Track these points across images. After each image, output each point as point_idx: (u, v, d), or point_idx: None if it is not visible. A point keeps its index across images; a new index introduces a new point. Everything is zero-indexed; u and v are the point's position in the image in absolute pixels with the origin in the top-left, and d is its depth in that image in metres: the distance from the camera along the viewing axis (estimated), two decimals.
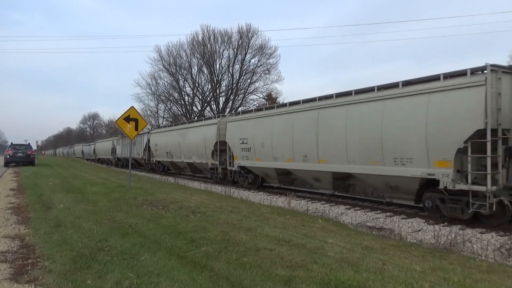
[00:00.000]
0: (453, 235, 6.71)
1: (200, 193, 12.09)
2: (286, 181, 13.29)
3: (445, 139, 7.57)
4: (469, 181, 7.22)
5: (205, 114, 40.29)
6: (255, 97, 41.22)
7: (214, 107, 41.67)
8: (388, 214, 9.00)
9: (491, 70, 6.99)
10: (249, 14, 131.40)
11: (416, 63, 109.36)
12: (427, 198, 8.23)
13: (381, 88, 9.04)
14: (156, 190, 11.80)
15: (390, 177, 8.77)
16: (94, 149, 45.55)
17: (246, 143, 13.94)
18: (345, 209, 9.92)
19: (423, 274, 4.07)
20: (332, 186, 10.93)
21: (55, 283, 3.67)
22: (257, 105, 38.90)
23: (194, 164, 18.82)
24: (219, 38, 39.58)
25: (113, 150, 34.82)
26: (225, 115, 17.43)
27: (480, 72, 7.21)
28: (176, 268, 4.10)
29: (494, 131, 7.05)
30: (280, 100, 38.65)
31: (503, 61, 7.13)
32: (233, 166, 14.97)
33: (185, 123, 20.95)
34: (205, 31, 39.80)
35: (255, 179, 14.46)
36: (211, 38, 39.68)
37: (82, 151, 56.26)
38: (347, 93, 9.98)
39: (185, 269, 4.08)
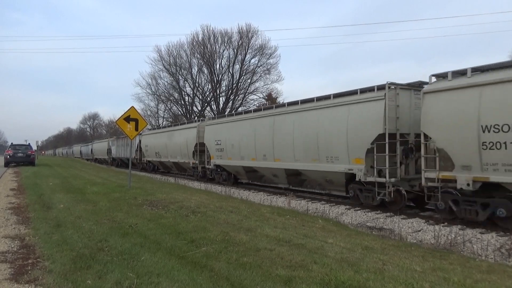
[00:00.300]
0: (453, 235, 6.71)
1: (200, 193, 12.09)
2: (254, 178, 15.03)
3: (359, 141, 9.45)
4: (375, 174, 9.12)
5: (205, 114, 40.30)
6: (255, 97, 41.29)
7: (214, 107, 41.70)
8: (388, 214, 9.01)
9: (389, 87, 8.91)
10: (249, 14, 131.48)
11: (416, 63, 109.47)
12: (350, 189, 10.25)
13: (319, 99, 11.00)
14: (156, 190, 11.80)
15: (325, 172, 10.67)
16: (91, 149, 47.18)
17: (220, 144, 15.92)
18: (345, 209, 9.92)
19: (423, 274, 4.08)
20: (287, 181, 12.88)
21: (55, 283, 3.67)
22: (257, 105, 38.94)
23: (179, 163, 20.68)
24: (219, 38, 39.63)
25: (109, 151, 36.38)
26: (204, 119, 19.33)
27: (383, 88, 8.97)
28: (176, 268, 4.10)
29: (395, 135, 8.89)
30: (280, 100, 38.70)
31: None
32: (210, 165, 16.86)
33: (171, 126, 23.44)
34: (205, 31, 39.86)
35: (228, 176, 16.26)
36: (211, 38, 39.73)
37: (80, 151, 58.12)
38: (295, 103, 12.03)
39: (185, 269, 4.08)
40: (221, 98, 41.88)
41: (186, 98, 43.59)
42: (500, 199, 7.13)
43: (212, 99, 42.10)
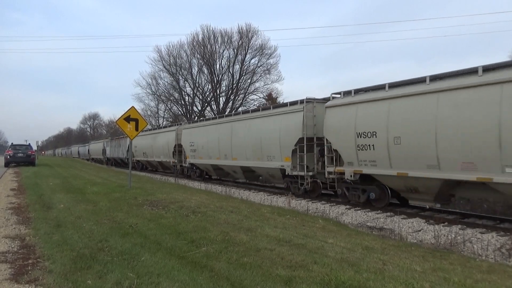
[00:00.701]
0: (453, 235, 6.71)
1: (200, 193, 12.09)
2: (221, 174, 17.62)
3: (287, 143, 12.07)
4: (298, 169, 11.76)
5: (206, 115, 40.31)
6: (255, 97, 41.30)
7: (214, 107, 41.71)
8: (388, 214, 9.01)
9: (307, 102, 11.60)
10: (249, 14, 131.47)
11: (416, 63, 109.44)
12: (284, 182, 12.85)
13: (264, 109, 14.17)
14: (157, 190, 11.80)
15: (267, 168, 13.23)
16: (88, 149, 50.58)
17: (193, 145, 18.57)
18: (345, 209, 9.92)
19: (424, 274, 4.08)
20: (244, 176, 15.39)
21: (55, 283, 3.67)
22: (257, 105, 38.90)
23: (162, 162, 23.47)
24: (219, 38, 39.65)
25: (104, 151, 39.02)
26: (181, 124, 22.30)
27: (303, 102, 11.70)
28: (177, 268, 4.10)
29: (313, 139, 11.38)
30: (280, 100, 38.68)
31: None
32: (186, 163, 19.52)
33: (156, 129, 26.59)
34: (205, 31, 39.87)
35: (201, 173, 18.91)
36: (211, 38, 39.74)
37: (78, 151, 61.27)
38: (247, 111, 15.57)
39: (185, 269, 4.08)
40: (221, 98, 41.94)
41: (186, 98, 43.64)
42: (371, 186, 9.73)
43: (212, 99, 42.12)
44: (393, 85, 8.92)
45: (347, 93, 10.24)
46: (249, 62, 39.80)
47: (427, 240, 6.94)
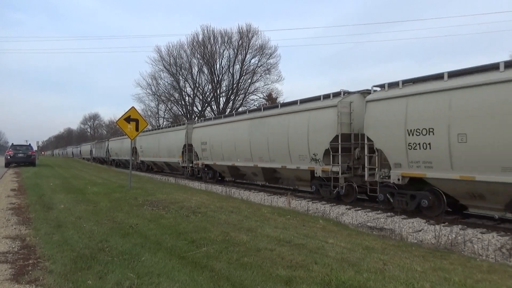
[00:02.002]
0: (453, 235, 6.70)
1: (200, 193, 12.08)
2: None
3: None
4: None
5: (206, 115, 40.32)
6: (255, 97, 41.31)
7: (214, 107, 41.71)
8: (388, 214, 9.00)
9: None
10: (249, 14, 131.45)
11: (417, 63, 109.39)
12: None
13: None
14: (157, 190, 11.80)
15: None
16: (80, 150, 62.16)
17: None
18: (346, 209, 9.92)
19: (424, 274, 4.07)
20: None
21: (55, 283, 3.67)
22: (257, 105, 38.88)
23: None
24: (219, 39, 39.66)
25: (91, 151, 48.46)
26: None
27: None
28: (177, 268, 4.10)
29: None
30: (280, 100, 38.67)
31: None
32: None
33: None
34: (205, 31, 39.90)
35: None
36: (211, 38, 39.77)
37: (72, 152, 72.23)
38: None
39: (185, 269, 4.08)
40: (221, 98, 41.95)
41: (187, 98, 43.68)
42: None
43: (213, 99, 42.13)
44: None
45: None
46: (249, 62, 39.87)
47: (427, 240, 6.94)
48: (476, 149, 7.10)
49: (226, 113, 18.84)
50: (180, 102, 43.89)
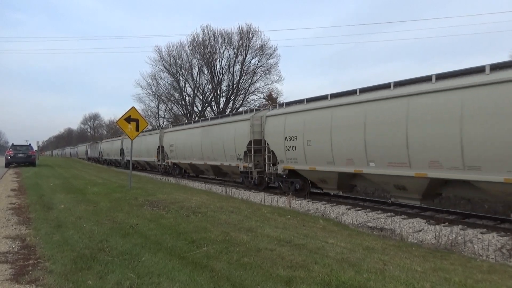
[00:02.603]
0: (454, 236, 6.70)
1: (201, 194, 12.08)
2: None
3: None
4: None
5: (206, 115, 40.32)
6: (255, 97, 41.25)
7: (214, 107, 41.70)
8: (389, 214, 9.01)
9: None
10: (249, 14, 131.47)
11: (417, 62, 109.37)
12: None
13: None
14: (157, 190, 11.80)
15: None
16: (76, 151, 67.74)
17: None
18: (346, 209, 9.92)
19: (424, 274, 4.07)
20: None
21: (56, 283, 3.67)
22: (257, 105, 38.87)
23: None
24: (220, 39, 39.62)
25: (86, 152, 54.64)
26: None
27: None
28: (177, 268, 4.10)
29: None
30: (280, 100, 38.67)
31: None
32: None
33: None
34: (206, 31, 39.86)
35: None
36: (212, 38, 39.72)
37: (70, 152, 77.99)
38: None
39: (186, 269, 4.08)
40: (221, 99, 41.93)
41: (187, 98, 43.64)
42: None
43: (213, 99, 42.12)
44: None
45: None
46: (250, 62, 39.82)
47: (427, 240, 6.94)
48: (316, 150, 10.87)
49: (194, 120, 23.27)
50: (180, 102, 43.90)
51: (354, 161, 9.63)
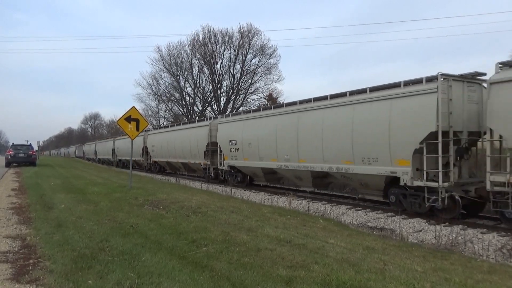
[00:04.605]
0: (454, 236, 6.70)
1: (201, 193, 12.09)
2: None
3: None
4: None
5: (206, 115, 40.30)
6: (256, 97, 41.24)
7: (215, 107, 41.69)
8: (389, 214, 9.00)
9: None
10: (249, 14, 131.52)
11: (418, 62, 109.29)
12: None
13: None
14: (157, 190, 11.81)
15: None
16: (68, 151, 79.53)
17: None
18: (346, 209, 9.91)
19: (424, 274, 4.07)
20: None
21: (56, 283, 3.68)
22: (258, 105, 38.87)
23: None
24: (220, 38, 39.58)
25: (75, 152, 65.38)
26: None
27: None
28: (177, 268, 4.10)
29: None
30: (281, 100, 38.64)
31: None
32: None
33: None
34: (206, 31, 39.81)
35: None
36: (212, 38, 39.68)
37: (63, 152, 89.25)
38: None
39: (186, 269, 4.08)
40: (222, 98, 41.92)
41: (187, 98, 43.62)
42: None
43: (213, 99, 42.12)
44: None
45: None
46: (250, 62, 39.79)
47: (428, 241, 6.93)
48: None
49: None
50: (180, 102, 43.88)
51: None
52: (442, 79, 7.85)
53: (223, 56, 40.10)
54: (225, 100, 41.36)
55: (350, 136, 9.66)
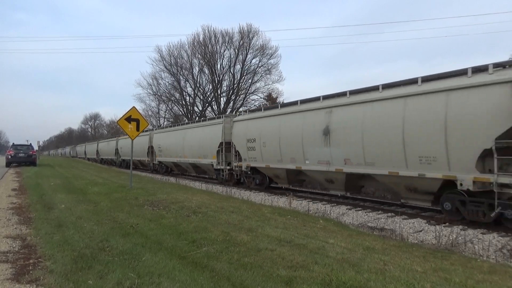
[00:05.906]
0: (454, 236, 6.69)
1: (201, 194, 12.09)
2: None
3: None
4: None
5: (206, 115, 40.33)
6: (256, 97, 41.27)
7: (215, 107, 41.70)
8: (389, 214, 9.00)
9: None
10: (250, 14, 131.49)
11: (419, 62, 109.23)
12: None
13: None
14: (158, 190, 11.81)
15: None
16: (64, 151, 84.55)
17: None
18: (346, 209, 9.91)
19: (425, 274, 4.07)
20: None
21: (56, 283, 3.68)
22: (258, 105, 38.87)
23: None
24: (220, 39, 39.62)
25: (70, 152, 69.60)
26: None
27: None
28: (177, 268, 4.10)
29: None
30: (281, 100, 38.62)
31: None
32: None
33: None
34: (206, 31, 39.85)
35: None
36: (212, 38, 39.72)
37: (60, 152, 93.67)
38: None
39: (186, 269, 4.08)
40: (222, 99, 41.93)
41: (187, 98, 43.66)
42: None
43: (213, 99, 42.12)
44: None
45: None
46: (250, 62, 39.82)
47: (428, 241, 6.93)
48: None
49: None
50: (181, 102, 43.92)
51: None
52: None
53: (223, 56, 40.18)
54: (225, 100, 41.39)
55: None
